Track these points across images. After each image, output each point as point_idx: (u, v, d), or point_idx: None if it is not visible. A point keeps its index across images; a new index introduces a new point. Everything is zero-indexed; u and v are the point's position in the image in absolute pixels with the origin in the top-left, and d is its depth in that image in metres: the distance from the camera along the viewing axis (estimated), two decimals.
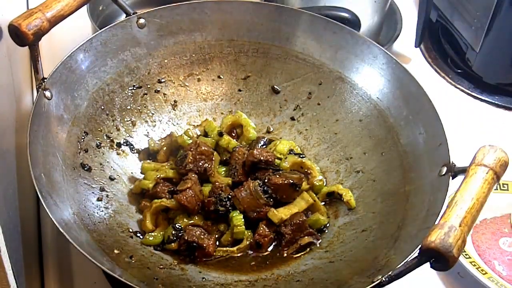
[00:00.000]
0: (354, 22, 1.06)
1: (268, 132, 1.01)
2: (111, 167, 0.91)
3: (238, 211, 0.86)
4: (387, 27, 1.27)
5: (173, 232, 0.84)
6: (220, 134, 0.95)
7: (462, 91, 1.25)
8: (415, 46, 1.28)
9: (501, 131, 1.18)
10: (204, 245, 0.82)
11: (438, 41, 1.34)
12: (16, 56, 1.00)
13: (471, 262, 0.90)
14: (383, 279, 0.66)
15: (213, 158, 0.91)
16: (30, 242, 0.88)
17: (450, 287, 0.92)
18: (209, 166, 0.90)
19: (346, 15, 1.06)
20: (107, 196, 0.87)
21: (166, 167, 0.92)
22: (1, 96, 0.84)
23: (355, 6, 1.09)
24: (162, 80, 1.00)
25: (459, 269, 0.91)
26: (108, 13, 1.22)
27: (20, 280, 0.71)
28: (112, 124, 0.94)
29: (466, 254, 0.91)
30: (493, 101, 1.23)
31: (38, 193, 0.72)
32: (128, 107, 0.97)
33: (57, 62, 0.86)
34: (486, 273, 0.89)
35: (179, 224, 0.85)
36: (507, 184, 1.01)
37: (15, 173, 0.84)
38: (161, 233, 0.85)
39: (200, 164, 0.90)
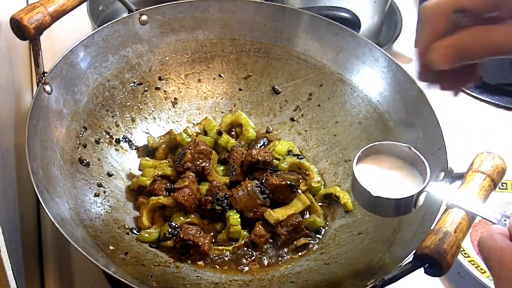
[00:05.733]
0: (354, 22, 1.05)
1: (268, 132, 1.01)
2: (109, 163, 0.91)
3: (234, 211, 0.86)
4: (387, 27, 1.26)
5: (169, 229, 0.84)
6: (219, 133, 0.95)
7: (462, 91, 1.24)
8: (415, 46, 1.27)
9: (501, 131, 1.17)
10: (200, 243, 0.82)
11: None
12: (16, 55, 1.00)
13: (470, 261, 0.90)
14: (377, 283, 0.66)
15: (212, 157, 0.91)
16: (30, 242, 0.88)
17: (450, 287, 0.92)
18: (207, 165, 0.90)
19: (346, 15, 1.05)
20: (104, 192, 0.87)
21: (164, 164, 0.92)
22: (0, 95, 0.84)
23: (355, 6, 1.08)
24: (163, 78, 1.00)
25: (458, 269, 0.91)
26: (108, 13, 1.22)
27: (20, 280, 0.72)
28: (111, 120, 0.94)
29: (465, 253, 0.91)
30: (493, 101, 1.22)
31: (35, 187, 0.71)
32: (128, 104, 0.97)
33: (56, 62, 0.86)
34: (485, 272, 0.89)
35: (175, 222, 0.85)
36: (505, 183, 1.01)
37: (14, 173, 0.84)
38: (157, 230, 0.85)
39: (198, 162, 0.90)
